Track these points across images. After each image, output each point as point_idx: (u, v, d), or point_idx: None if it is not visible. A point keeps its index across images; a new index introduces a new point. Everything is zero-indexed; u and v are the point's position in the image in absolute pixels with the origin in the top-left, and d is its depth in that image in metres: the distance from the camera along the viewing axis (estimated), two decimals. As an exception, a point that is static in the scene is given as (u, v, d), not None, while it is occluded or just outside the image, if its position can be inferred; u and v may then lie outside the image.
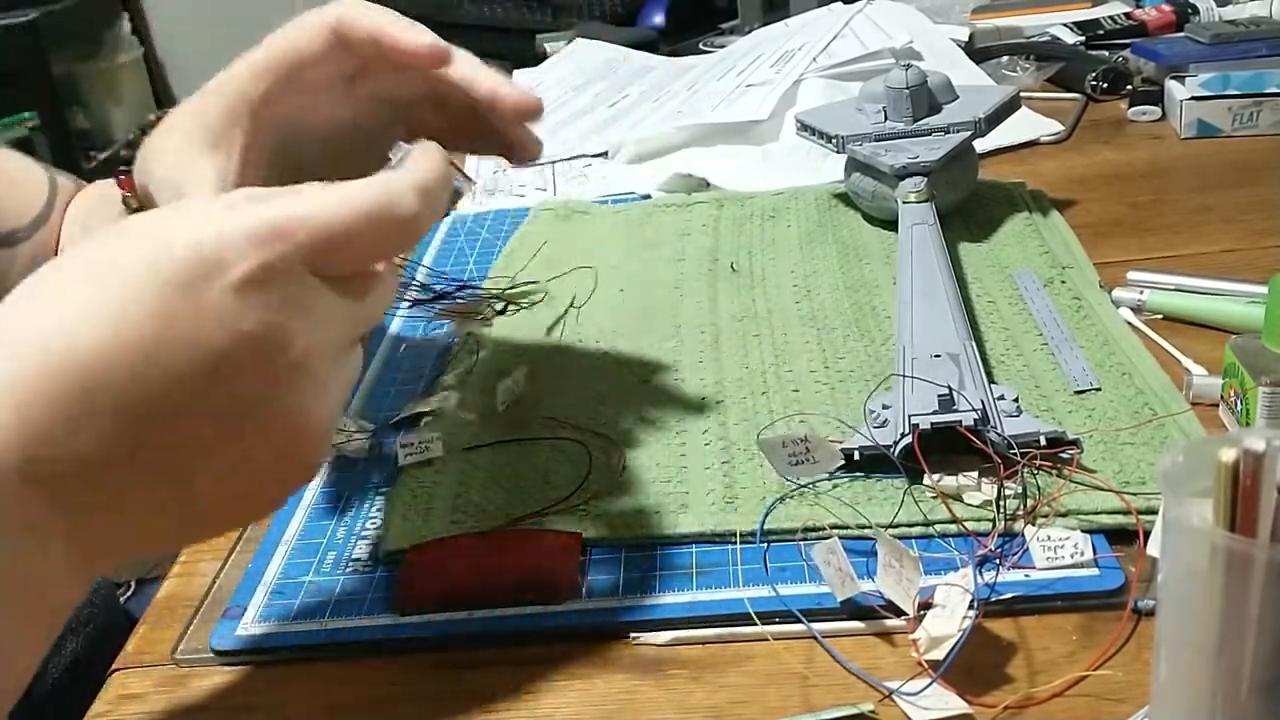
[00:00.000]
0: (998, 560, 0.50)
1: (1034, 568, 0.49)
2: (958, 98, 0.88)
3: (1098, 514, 0.52)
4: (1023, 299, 0.72)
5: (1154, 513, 0.50)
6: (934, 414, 0.54)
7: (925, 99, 0.86)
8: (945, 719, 0.43)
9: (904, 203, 0.78)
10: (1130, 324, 0.68)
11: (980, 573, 0.48)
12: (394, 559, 0.55)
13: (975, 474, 0.54)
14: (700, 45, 1.53)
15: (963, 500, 0.53)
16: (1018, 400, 0.58)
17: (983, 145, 0.91)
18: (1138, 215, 0.86)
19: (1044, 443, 0.54)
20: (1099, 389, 0.61)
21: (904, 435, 0.54)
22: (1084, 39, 1.24)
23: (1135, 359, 0.64)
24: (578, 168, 1.09)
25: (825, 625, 0.48)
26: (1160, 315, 0.70)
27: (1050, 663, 0.46)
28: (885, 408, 0.58)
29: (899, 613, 0.47)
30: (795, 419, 0.62)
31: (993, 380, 0.62)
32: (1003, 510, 0.52)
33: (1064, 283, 0.73)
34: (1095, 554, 0.50)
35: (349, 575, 0.55)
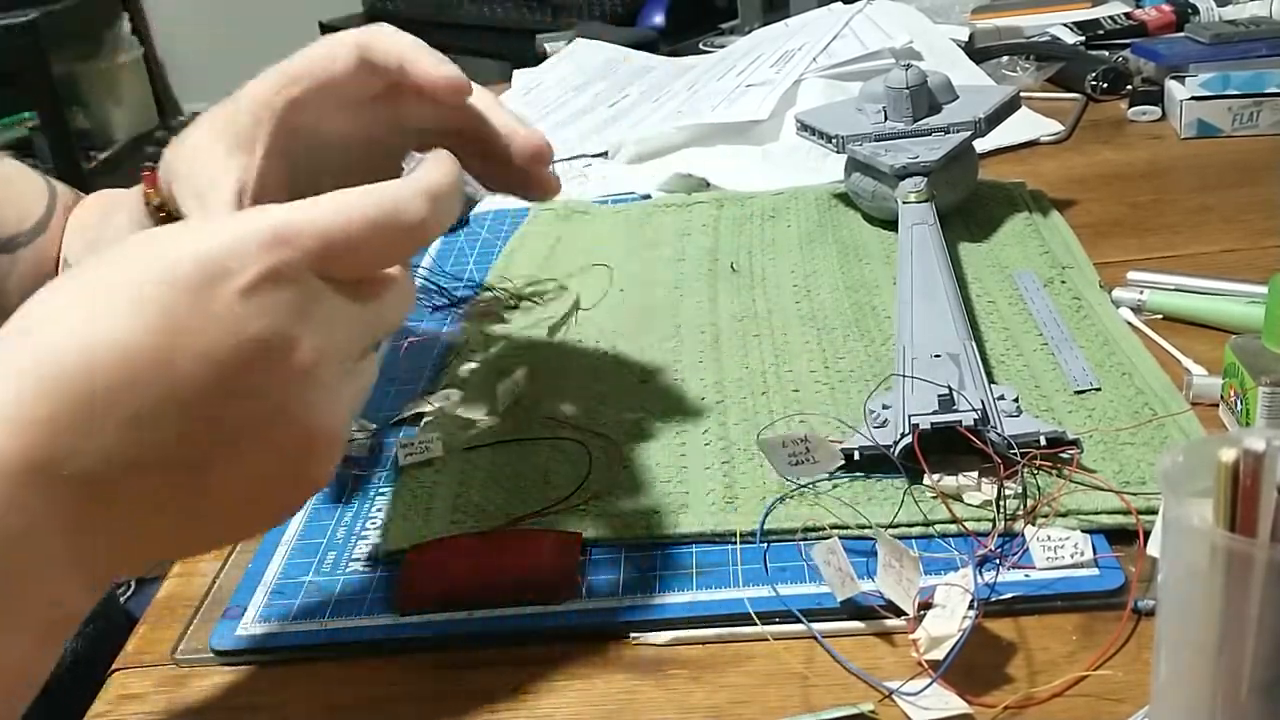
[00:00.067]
0: (998, 560, 0.50)
1: (1034, 568, 0.49)
2: (958, 98, 0.88)
3: (1098, 514, 0.52)
4: (1023, 299, 0.72)
5: (1154, 513, 0.50)
6: (934, 414, 0.54)
7: (925, 99, 0.86)
8: (945, 719, 0.43)
9: (904, 203, 0.78)
10: (1130, 324, 0.68)
11: (980, 573, 0.48)
12: (394, 559, 0.55)
13: (975, 474, 0.54)
14: (700, 45, 1.53)
15: (963, 500, 0.53)
16: (1018, 400, 0.58)
17: (983, 145, 0.91)
18: (1138, 215, 0.86)
19: (1044, 443, 0.54)
20: (1099, 389, 0.61)
21: (904, 435, 0.54)
22: (1084, 39, 1.24)
23: (1135, 359, 0.64)
24: (578, 168, 1.09)
25: (825, 625, 0.48)
26: (1160, 315, 0.70)
27: (1050, 663, 0.46)
28: (885, 408, 0.58)
29: (899, 613, 0.47)
30: (795, 419, 0.62)
31: (993, 380, 0.62)
32: (1003, 510, 0.52)
33: (1064, 283, 0.73)
34: (1095, 554, 0.50)
35: (349, 575, 0.55)
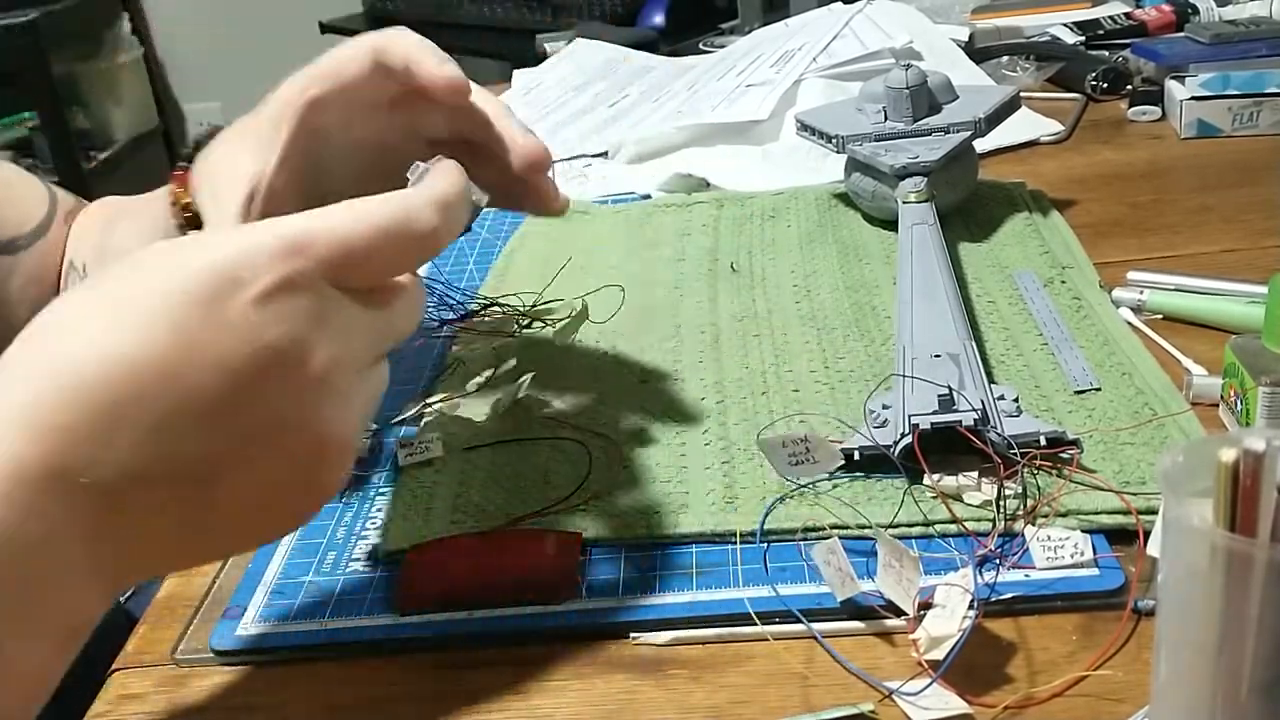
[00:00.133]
0: (998, 560, 0.50)
1: (1034, 568, 0.49)
2: (958, 98, 0.88)
3: (1098, 514, 0.52)
4: (1023, 299, 0.72)
5: (1154, 513, 0.50)
6: (934, 414, 0.54)
7: (925, 99, 0.86)
8: (945, 719, 0.43)
9: (904, 203, 0.78)
10: (1130, 324, 0.68)
11: (980, 573, 0.48)
12: (394, 559, 0.55)
13: (975, 474, 0.54)
14: (700, 45, 1.53)
15: (963, 500, 0.53)
16: (1018, 400, 0.58)
17: (983, 145, 0.91)
18: (1138, 215, 0.86)
19: (1044, 443, 0.54)
20: (1099, 389, 0.61)
21: (904, 435, 0.54)
22: (1084, 39, 1.24)
23: (1135, 359, 0.64)
24: (578, 168, 1.09)
25: (825, 625, 0.48)
26: (1160, 315, 0.70)
27: (1050, 663, 0.46)
28: (885, 408, 0.58)
29: (899, 613, 0.47)
30: (795, 419, 0.62)
31: (993, 380, 0.62)
32: (1003, 510, 0.52)
33: (1064, 283, 0.73)
34: (1095, 554, 0.50)
35: (349, 575, 0.55)
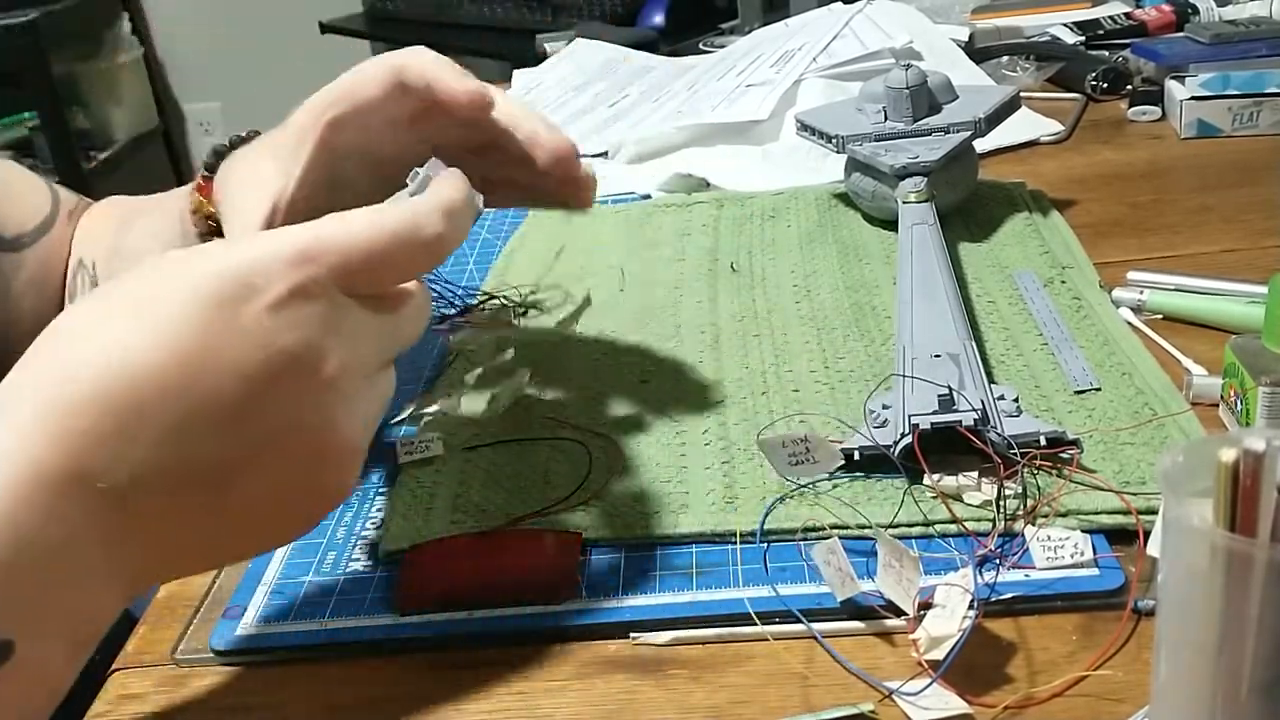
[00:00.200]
0: (998, 560, 0.50)
1: (1034, 568, 0.49)
2: (958, 98, 0.88)
3: (1098, 514, 0.52)
4: (1023, 299, 0.72)
5: (1154, 513, 0.50)
6: (934, 414, 0.54)
7: (925, 99, 0.86)
8: (945, 719, 0.43)
9: (904, 203, 0.78)
10: (1130, 324, 0.68)
11: (980, 573, 0.48)
12: (394, 559, 0.55)
13: (975, 474, 0.54)
14: (700, 45, 1.53)
15: (963, 500, 0.53)
16: (1018, 400, 0.58)
17: (983, 145, 0.91)
18: (1138, 215, 0.86)
19: (1044, 443, 0.54)
20: (1099, 389, 0.61)
21: (904, 435, 0.54)
22: (1084, 39, 1.24)
23: (1135, 359, 0.64)
24: (578, 168, 1.09)
25: (825, 625, 0.48)
26: (1160, 315, 0.70)
27: (1050, 663, 0.46)
28: (885, 408, 0.58)
29: (899, 613, 0.47)
30: (795, 419, 0.62)
31: (993, 380, 0.62)
32: (1003, 510, 0.52)
33: (1064, 283, 0.73)
34: (1095, 554, 0.50)
35: (349, 575, 0.55)
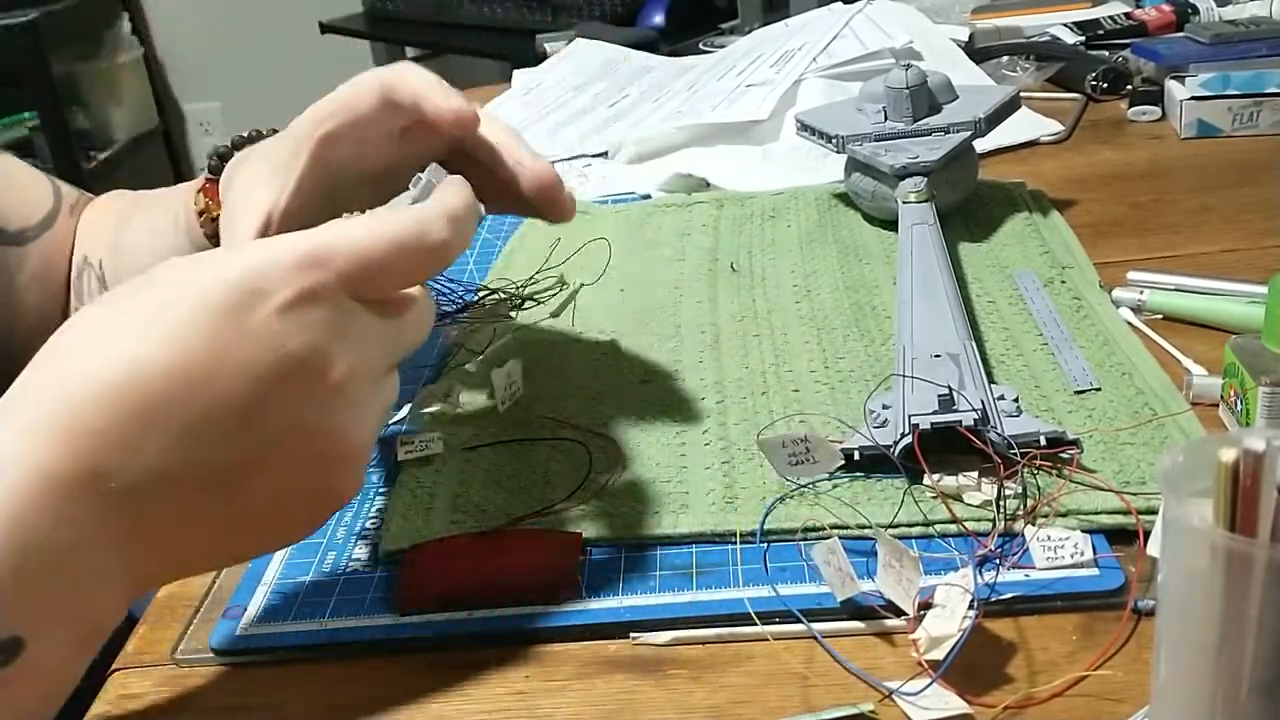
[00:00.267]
0: (998, 560, 0.50)
1: (1034, 568, 0.49)
2: (958, 98, 0.88)
3: (1098, 514, 0.52)
4: (1023, 299, 0.72)
5: (1154, 513, 0.50)
6: (934, 414, 0.54)
7: (925, 99, 0.86)
8: (945, 719, 0.43)
9: (904, 203, 0.78)
10: (1130, 324, 0.68)
11: (980, 573, 0.48)
12: (394, 559, 0.55)
13: (975, 474, 0.54)
14: (700, 45, 1.53)
15: (963, 500, 0.53)
16: (1018, 400, 0.58)
17: (983, 145, 0.91)
18: (1138, 215, 0.86)
19: (1044, 443, 0.54)
20: (1099, 389, 0.61)
21: (904, 435, 0.54)
22: (1084, 39, 1.24)
23: (1135, 359, 0.64)
24: (578, 168, 1.09)
25: (825, 625, 0.48)
26: (1160, 315, 0.70)
27: (1050, 663, 0.46)
28: (885, 408, 0.58)
29: (899, 613, 0.47)
30: (795, 419, 0.62)
31: (993, 380, 0.62)
32: (1003, 510, 0.52)
33: (1064, 283, 0.73)
34: (1095, 554, 0.50)
35: (349, 575, 0.55)
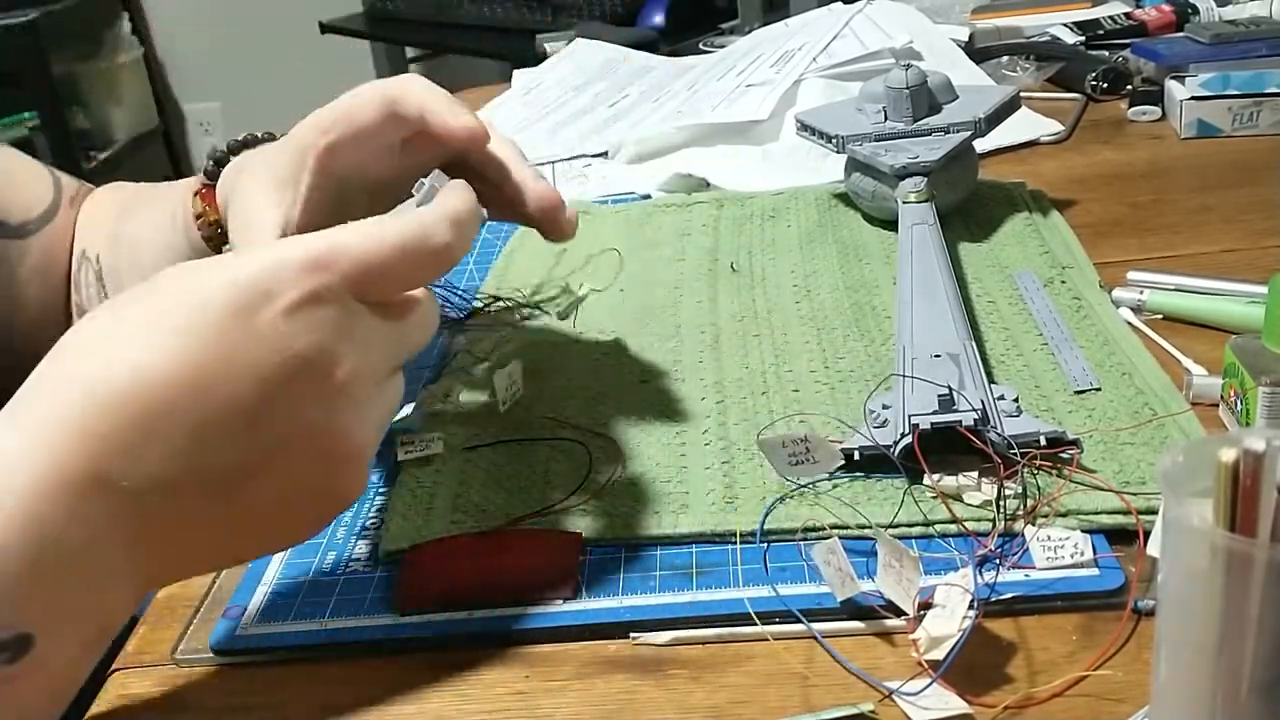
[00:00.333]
0: (998, 560, 0.50)
1: (1034, 568, 0.49)
2: (958, 98, 0.88)
3: (1098, 514, 0.52)
4: (1023, 299, 0.72)
5: (1154, 513, 0.50)
6: (934, 414, 0.54)
7: (925, 99, 0.86)
8: (945, 719, 0.43)
9: (904, 203, 0.78)
10: (1130, 324, 0.68)
11: (980, 573, 0.48)
12: (394, 559, 0.55)
13: (975, 474, 0.54)
14: (700, 45, 1.53)
15: (963, 500, 0.53)
16: (1018, 400, 0.58)
17: (983, 145, 0.91)
18: (1138, 215, 0.86)
19: (1044, 443, 0.54)
20: (1099, 389, 0.61)
21: (904, 435, 0.54)
22: (1084, 39, 1.24)
23: (1135, 359, 0.64)
24: (578, 168, 1.09)
25: (825, 625, 0.48)
26: (1160, 315, 0.70)
27: (1050, 663, 0.46)
28: (885, 408, 0.58)
29: (899, 613, 0.47)
30: (795, 419, 0.62)
31: (993, 380, 0.62)
32: (1003, 510, 0.52)
33: (1064, 283, 0.73)
34: (1095, 554, 0.50)
35: (349, 575, 0.55)
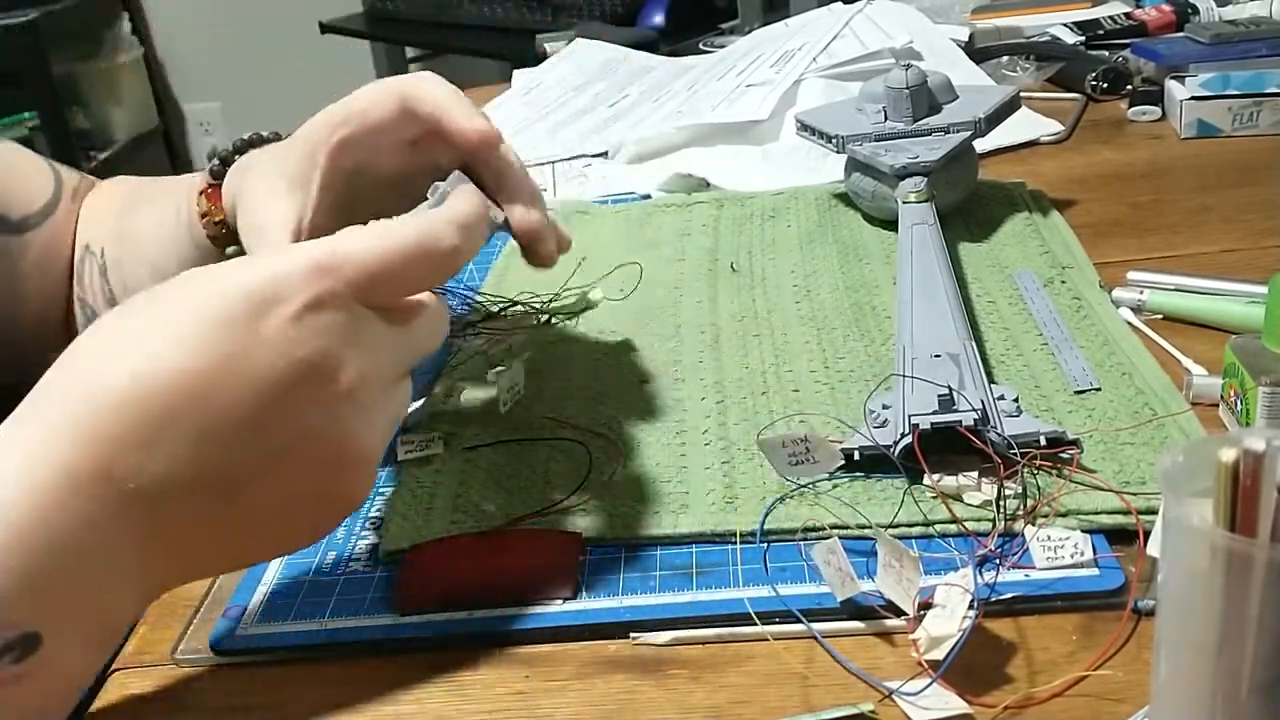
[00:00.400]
0: (998, 560, 0.50)
1: (1034, 568, 0.49)
2: (958, 98, 0.88)
3: (1098, 514, 0.52)
4: (1023, 299, 0.72)
5: (1154, 513, 0.50)
6: (934, 414, 0.54)
7: (925, 99, 0.86)
8: (945, 719, 0.43)
9: (904, 203, 0.78)
10: (1130, 324, 0.68)
11: (980, 573, 0.48)
12: (394, 559, 0.55)
13: (975, 474, 0.54)
14: (700, 45, 1.53)
15: (963, 500, 0.53)
16: (1018, 400, 0.58)
17: (983, 145, 0.91)
18: (1138, 215, 0.86)
19: (1044, 443, 0.54)
20: (1099, 389, 0.61)
21: (904, 435, 0.54)
22: (1084, 39, 1.24)
23: (1135, 359, 0.64)
24: (578, 168, 1.09)
25: (825, 625, 0.48)
26: (1160, 315, 0.70)
27: (1050, 663, 0.46)
28: (885, 408, 0.58)
29: (899, 613, 0.47)
30: (795, 419, 0.62)
31: (993, 380, 0.62)
32: (1003, 510, 0.52)
33: (1064, 283, 0.73)
34: (1095, 554, 0.50)
35: (349, 575, 0.55)
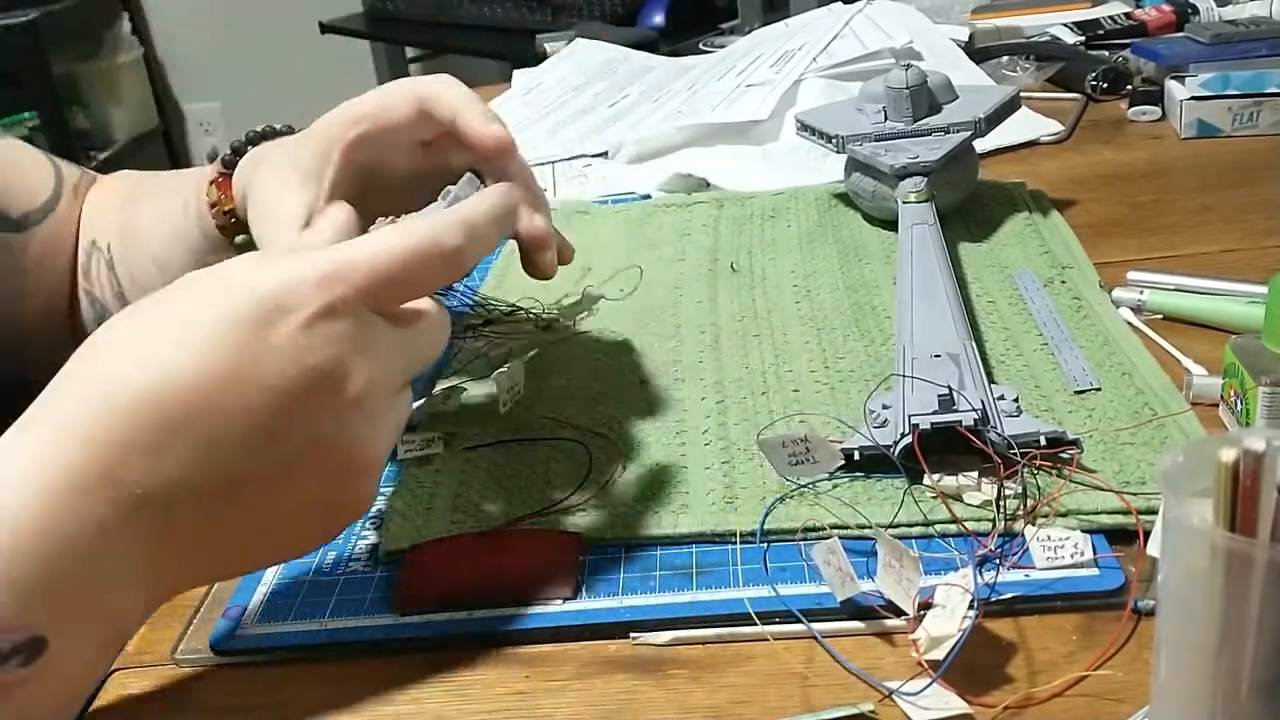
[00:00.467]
0: (998, 560, 0.50)
1: (1034, 568, 0.49)
2: (958, 98, 0.88)
3: (1098, 514, 0.52)
4: (1023, 299, 0.72)
5: (1154, 513, 0.50)
6: (934, 414, 0.54)
7: (925, 99, 0.86)
8: (945, 719, 0.43)
9: (904, 203, 0.78)
10: (1130, 324, 0.68)
11: (980, 573, 0.48)
12: (394, 559, 0.55)
13: (975, 474, 0.54)
14: (700, 45, 1.53)
15: (963, 500, 0.53)
16: (1018, 400, 0.58)
17: (983, 145, 0.91)
18: (1138, 215, 0.86)
19: (1044, 443, 0.54)
20: (1099, 389, 0.61)
21: (904, 435, 0.54)
22: (1084, 39, 1.24)
23: (1135, 359, 0.64)
24: (578, 168, 1.09)
25: (825, 625, 0.48)
26: (1160, 315, 0.70)
27: (1050, 663, 0.46)
28: (885, 408, 0.58)
29: (899, 613, 0.47)
30: (795, 419, 0.62)
31: (993, 380, 0.62)
32: (1003, 510, 0.52)
33: (1064, 283, 0.73)
34: (1095, 554, 0.50)
35: (349, 575, 0.55)
